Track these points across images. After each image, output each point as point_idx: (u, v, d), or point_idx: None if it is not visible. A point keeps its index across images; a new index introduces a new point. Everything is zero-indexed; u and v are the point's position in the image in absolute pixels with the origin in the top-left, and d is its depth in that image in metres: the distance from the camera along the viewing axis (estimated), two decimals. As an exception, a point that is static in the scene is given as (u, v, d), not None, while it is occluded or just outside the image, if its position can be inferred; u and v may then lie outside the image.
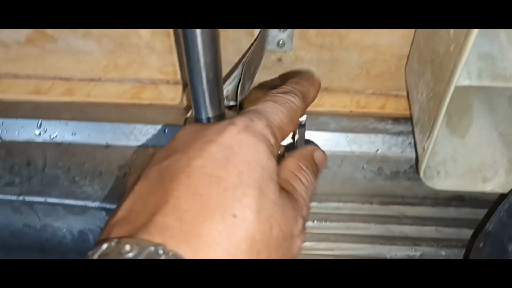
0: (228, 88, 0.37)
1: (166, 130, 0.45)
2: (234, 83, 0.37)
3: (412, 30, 0.41)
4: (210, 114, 0.31)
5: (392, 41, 0.42)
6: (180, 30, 0.27)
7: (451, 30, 0.30)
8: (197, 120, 0.32)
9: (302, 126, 0.33)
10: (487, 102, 0.39)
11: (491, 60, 0.32)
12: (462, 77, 0.30)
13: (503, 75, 0.31)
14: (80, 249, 0.45)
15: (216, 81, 0.30)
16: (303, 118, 0.33)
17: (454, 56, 0.29)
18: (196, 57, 0.28)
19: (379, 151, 0.44)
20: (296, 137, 0.35)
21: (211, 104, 0.31)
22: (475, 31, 0.26)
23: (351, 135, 0.44)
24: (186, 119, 0.34)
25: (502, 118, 0.37)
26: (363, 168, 0.44)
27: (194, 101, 0.31)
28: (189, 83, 0.29)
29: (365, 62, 0.44)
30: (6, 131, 0.45)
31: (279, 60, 0.45)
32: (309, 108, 0.45)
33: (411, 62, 0.41)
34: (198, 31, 0.26)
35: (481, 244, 0.35)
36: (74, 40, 0.44)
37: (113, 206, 0.41)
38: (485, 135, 0.38)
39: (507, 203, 0.31)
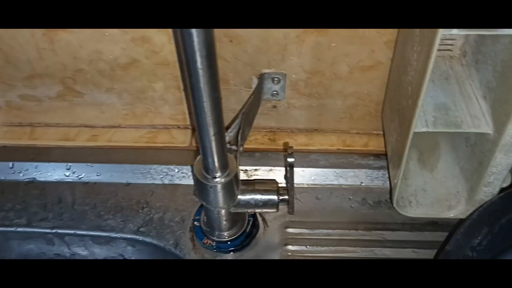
0: (230, 135, 0.44)
1: (177, 170, 0.51)
2: (235, 130, 0.44)
3: (385, 81, 0.48)
4: (215, 159, 0.38)
5: (370, 90, 0.49)
6: (188, 85, 0.33)
7: (409, 87, 0.37)
8: (204, 164, 0.39)
9: (291, 167, 0.40)
10: (451, 142, 0.46)
11: (445, 110, 0.39)
12: (420, 125, 0.37)
13: (454, 122, 0.38)
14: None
15: (219, 132, 0.36)
16: (292, 160, 0.40)
17: (412, 108, 0.36)
18: (203, 114, 0.34)
19: (363, 184, 0.51)
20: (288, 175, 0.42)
21: (216, 150, 0.38)
22: (422, 94, 0.33)
23: (338, 170, 0.51)
24: (195, 164, 0.40)
25: (462, 155, 0.43)
26: (349, 199, 0.50)
27: (202, 149, 0.37)
28: (198, 137, 0.36)
29: (348, 107, 0.51)
30: (40, 173, 0.52)
31: (274, 107, 0.52)
32: (301, 147, 0.52)
33: (385, 109, 0.48)
34: (203, 86, 0.32)
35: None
36: (98, 95, 0.51)
37: (133, 236, 0.48)
38: (449, 169, 0.45)
39: (463, 227, 0.37)
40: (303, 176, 0.51)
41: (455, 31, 0.31)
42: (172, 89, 0.50)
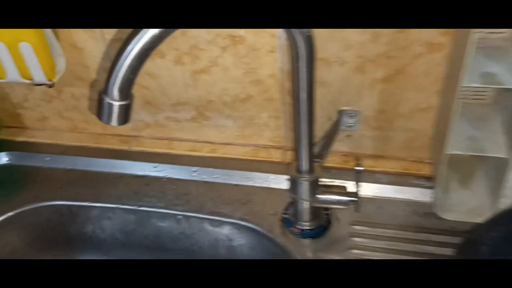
0: (315, 151, 0.61)
1: (273, 177, 0.69)
2: (319, 148, 0.61)
3: (435, 120, 0.63)
4: (305, 163, 0.55)
5: (424, 127, 0.64)
6: (297, 112, 0.51)
7: (448, 124, 0.52)
8: (298, 167, 0.56)
9: (359, 172, 0.56)
10: (483, 167, 0.60)
11: (475, 140, 0.54)
12: (455, 149, 0.52)
13: (480, 148, 0.53)
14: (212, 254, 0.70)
15: (310, 145, 0.54)
16: (360, 168, 0.56)
17: (446, 143, 0.51)
18: (302, 131, 0.52)
19: (416, 199, 0.65)
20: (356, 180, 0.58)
21: (307, 157, 0.55)
22: (453, 125, 0.49)
23: (396, 187, 0.66)
24: (291, 167, 0.58)
25: (489, 177, 0.57)
26: (403, 209, 0.65)
27: (297, 156, 0.55)
28: (296, 146, 0.54)
29: (407, 140, 0.67)
30: (174, 172, 0.72)
31: (349, 136, 0.68)
32: (368, 168, 0.68)
33: (434, 142, 0.63)
34: (305, 112, 0.50)
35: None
36: (220, 119, 0.71)
37: (239, 222, 0.65)
38: (480, 187, 0.58)
39: (483, 224, 0.51)
40: (369, 189, 0.66)
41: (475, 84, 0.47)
42: (273, 118, 0.69)
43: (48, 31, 0.62)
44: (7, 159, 0.76)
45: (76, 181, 0.72)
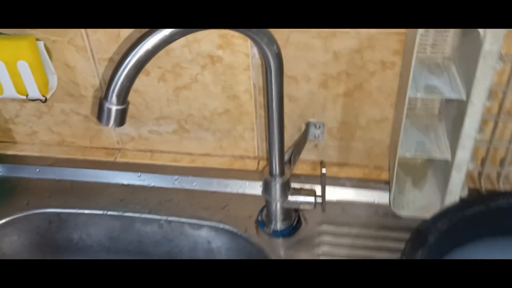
0: (286, 157, 0.68)
1: (248, 184, 0.76)
2: (289, 155, 0.69)
3: (390, 130, 0.71)
4: (277, 167, 0.63)
5: (381, 137, 0.72)
6: (269, 124, 0.59)
7: (399, 132, 0.61)
8: (270, 170, 0.63)
9: (324, 176, 0.63)
10: (433, 170, 0.68)
11: (422, 145, 0.62)
12: (404, 153, 0.60)
13: (427, 151, 0.61)
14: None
15: (281, 151, 0.61)
16: (324, 170, 0.63)
17: (396, 146, 0.60)
18: (274, 139, 0.59)
19: (375, 201, 0.73)
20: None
21: (278, 162, 0.62)
22: (401, 132, 0.57)
23: (359, 191, 0.74)
24: (264, 171, 0.65)
25: (438, 178, 0.66)
26: (365, 210, 0.72)
27: (270, 160, 0.62)
28: (269, 152, 0.61)
29: (368, 148, 0.75)
30: (158, 181, 0.78)
31: (316, 146, 0.76)
32: (332, 174, 0.75)
33: (390, 149, 0.72)
34: (276, 124, 0.58)
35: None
36: (200, 132, 0.77)
37: (216, 225, 0.71)
38: (431, 188, 0.67)
39: (431, 218, 0.59)
40: (334, 193, 0.74)
41: (419, 94, 0.55)
42: (248, 130, 0.76)
43: (43, 51, 0.68)
44: (-2, 171, 0.81)
45: (64, 190, 0.77)
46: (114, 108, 0.43)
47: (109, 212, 0.74)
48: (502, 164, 0.68)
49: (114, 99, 0.43)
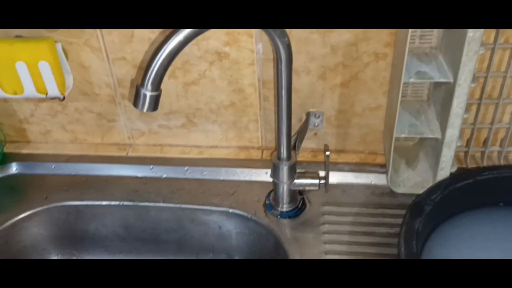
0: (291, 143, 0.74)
1: (254, 171, 0.82)
2: (293, 141, 0.75)
3: (384, 117, 0.78)
4: (285, 151, 0.68)
5: (376, 123, 0.79)
6: (279, 112, 0.64)
7: (393, 116, 0.67)
8: (278, 155, 0.69)
9: (327, 157, 0.70)
10: (425, 151, 0.75)
11: (415, 127, 0.69)
12: (399, 133, 0.67)
13: (420, 132, 0.67)
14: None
15: (288, 136, 0.67)
16: (328, 153, 0.69)
17: (394, 126, 0.66)
18: (283, 125, 0.65)
19: (372, 183, 0.79)
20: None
21: (286, 146, 0.68)
22: (397, 115, 0.64)
23: (356, 174, 0.80)
24: (272, 155, 0.71)
25: (430, 157, 0.73)
26: (363, 191, 0.78)
27: (278, 145, 0.68)
28: (277, 138, 0.67)
29: (363, 135, 0.81)
30: (169, 172, 0.83)
31: (315, 134, 0.82)
32: (331, 160, 0.81)
33: (384, 135, 0.78)
34: (285, 110, 0.63)
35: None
36: (207, 125, 0.83)
37: (227, 209, 0.76)
38: (423, 167, 0.73)
39: (424, 191, 0.65)
40: (334, 177, 0.80)
41: (412, 80, 0.62)
42: (252, 122, 0.82)
43: (61, 52, 0.73)
44: (15, 168, 0.84)
45: (80, 184, 0.82)
46: (149, 94, 0.49)
47: (125, 203, 0.79)
48: (485, 144, 0.75)
49: (149, 86, 0.48)
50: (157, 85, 0.49)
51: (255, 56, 0.73)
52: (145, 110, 0.49)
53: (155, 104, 0.50)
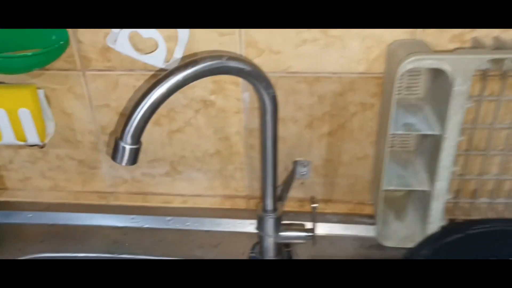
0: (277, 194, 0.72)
1: (239, 222, 0.79)
2: (278, 192, 0.73)
3: (371, 167, 0.77)
4: (271, 202, 0.66)
5: (363, 173, 0.78)
6: (264, 162, 0.63)
7: (382, 167, 0.66)
8: (264, 206, 0.67)
9: (314, 209, 0.68)
10: (413, 203, 0.74)
11: (403, 178, 0.67)
12: (387, 186, 0.65)
13: (408, 184, 0.66)
14: None
15: (274, 187, 0.65)
16: (315, 205, 0.67)
17: (382, 177, 0.65)
18: (268, 175, 0.64)
19: (361, 234, 0.77)
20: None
21: (271, 197, 0.66)
22: (385, 167, 0.62)
23: (344, 225, 0.78)
24: (258, 207, 0.69)
25: (418, 209, 0.71)
26: (351, 243, 0.76)
27: (263, 196, 0.66)
28: (263, 190, 0.65)
29: (350, 184, 0.80)
30: (151, 222, 0.80)
31: (302, 183, 0.81)
32: (320, 210, 0.79)
33: (372, 185, 0.77)
34: (270, 160, 0.62)
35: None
36: (192, 173, 0.81)
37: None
38: (412, 218, 0.72)
39: (415, 246, 0.63)
40: (322, 228, 0.78)
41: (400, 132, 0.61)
42: (238, 170, 0.80)
43: (43, 99, 0.72)
44: (-11, 217, 0.81)
45: (58, 235, 0.79)
46: (128, 147, 0.47)
47: (104, 255, 0.76)
48: (474, 195, 0.74)
49: (129, 139, 0.46)
50: (137, 138, 0.47)
51: (241, 105, 0.73)
52: (123, 164, 0.47)
53: (134, 157, 0.48)
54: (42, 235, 0.78)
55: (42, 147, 0.73)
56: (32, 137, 0.71)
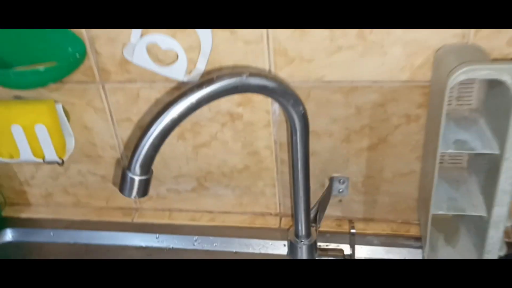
0: (311, 217, 0.66)
1: (271, 243, 0.73)
2: (314, 213, 0.66)
3: (418, 184, 0.69)
4: (304, 231, 0.60)
5: (408, 190, 0.70)
6: (294, 182, 0.57)
7: (430, 187, 0.58)
8: (296, 233, 0.61)
9: (352, 235, 0.61)
10: (466, 226, 0.65)
11: (455, 201, 0.59)
12: (437, 209, 0.57)
13: (461, 208, 0.58)
14: None
15: (307, 210, 0.59)
16: (354, 231, 0.60)
17: (430, 199, 0.57)
18: (300, 197, 0.57)
19: (406, 258, 0.69)
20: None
21: (304, 224, 0.59)
22: (434, 188, 0.54)
23: (387, 248, 0.70)
24: (289, 231, 0.62)
25: (472, 234, 0.62)
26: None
27: (295, 221, 0.60)
28: (294, 214, 0.59)
29: (394, 202, 0.72)
30: (176, 243, 0.75)
31: (340, 201, 0.73)
32: (358, 231, 0.72)
33: (419, 204, 0.69)
34: (302, 180, 0.55)
35: None
36: (219, 189, 0.75)
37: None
38: (465, 244, 0.63)
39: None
40: (362, 251, 0.70)
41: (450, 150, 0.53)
42: (269, 186, 0.74)
43: (62, 114, 0.68)
44: (11, 235, 0.78)
45: (79, 255, 0.75)
46: (137, 178, 0.42)
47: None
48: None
49: (137, 169, 0.41)
50: (147, 168, 0.42)
51: (270, 117, 0.66)
52: (132, 196, 0.42)
53: (144, 189, 0.43)
54: (63, 255, 0.75)
55: (61, 164, 0.69)
56: (50, 154, 0.68)
